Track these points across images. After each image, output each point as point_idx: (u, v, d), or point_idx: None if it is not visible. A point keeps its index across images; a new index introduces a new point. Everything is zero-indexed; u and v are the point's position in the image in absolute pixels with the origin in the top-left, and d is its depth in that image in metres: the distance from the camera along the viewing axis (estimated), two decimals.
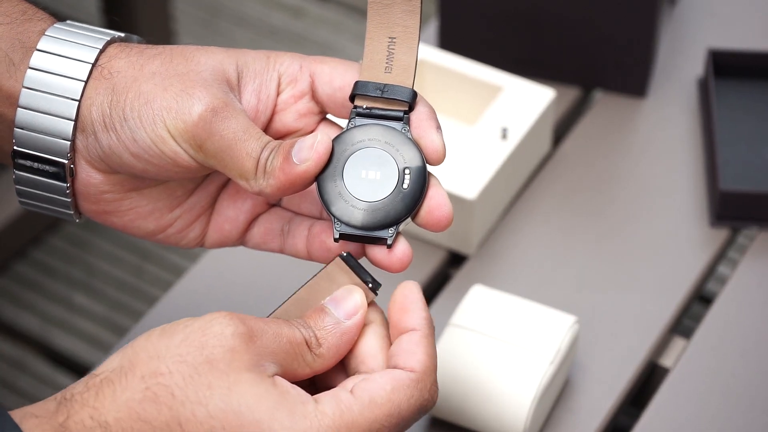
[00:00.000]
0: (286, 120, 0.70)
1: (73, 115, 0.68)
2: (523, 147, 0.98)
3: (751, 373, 0.88)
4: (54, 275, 1.78)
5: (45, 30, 0.69)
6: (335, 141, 0.67)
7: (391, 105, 0.68)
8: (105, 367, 0.61)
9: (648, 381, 0.91)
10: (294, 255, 0.72)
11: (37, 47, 0.69)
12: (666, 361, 0.91)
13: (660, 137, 1.05)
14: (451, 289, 0.94)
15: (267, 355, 0.62)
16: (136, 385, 0.60)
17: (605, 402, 0.87)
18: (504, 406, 0.82)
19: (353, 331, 0.65)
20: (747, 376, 0.88)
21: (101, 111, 0.68)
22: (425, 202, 0.67)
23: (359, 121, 0.68)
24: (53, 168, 0.69)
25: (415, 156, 0.67)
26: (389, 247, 0.67)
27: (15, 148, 0.69)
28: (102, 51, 0.69)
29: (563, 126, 1.08)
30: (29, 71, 0.68)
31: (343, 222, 0.67)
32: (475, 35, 1.07)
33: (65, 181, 0.69)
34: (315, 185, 0.67)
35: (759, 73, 1.06)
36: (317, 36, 2.12)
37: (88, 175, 0.70)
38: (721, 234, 0.98)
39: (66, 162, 0.69)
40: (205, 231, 0.73)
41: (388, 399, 0.62)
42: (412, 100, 0.68)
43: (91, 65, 0.68)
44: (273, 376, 0.62)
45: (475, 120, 1.02)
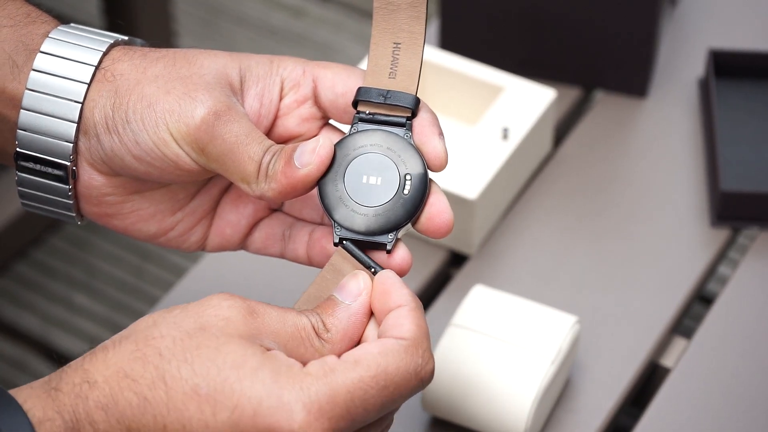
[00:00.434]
0: (288, 125, 0.70)
1: (76, 118, 0.68)
2: (524, 147, 0.98)
3: (752, 373, 0.89)
4: (54, 275, 1.79)
5: (49, 32, 0.70)
6: (337, 146, 0.67)
7: (394, 111, 0.68)
8: (106, 341, 0.62)
9: (649, 381, 0.91)
10: (294, 260, 0.72)
11: (41, 49, 0.69)
12: (667, 361, 0.91)
13: (661, 137, 1.05)
14: (452, 290, 0.94)
15: (268, 334, 0.62)
16: (127, 348, 0.61)
17: (606, 402, 0.87)
18: (505, 405, 0.82)
19: (360, 312, 0.64)
20: (748, 376, 0.88)
21: (104, 113, 0.68)
22: (426, 208, 0.67)
23: (362, 127, 0.68)
24: (55, 170, 0.69)
25: (417, 162, 0.67)
26: (389, 253, 0.67)
27: (17, 149, 0.69)
28: (105, 54, 0.69)
29: (564, 126, 1.08)
30: (32, 73, 0.68)
31: (343, 226, 0.67)
32: (476, 35, 1.07)
33: (67, 183, 0.69)
34: (316, 189, 0.67)
35: (760, 74, 1.06)
36: (317, 36, 2.12)
37: (90, 178, 0.70)
38: (722, 234, 0.98)
39: (68, 164, 0.69)
40: (207, 235, 0.73)
41: (374, 361, 0.61)
42: (415, 106, 0.68)
43: (95, 68, 0.68)
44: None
45: (476, 120, 1.02)
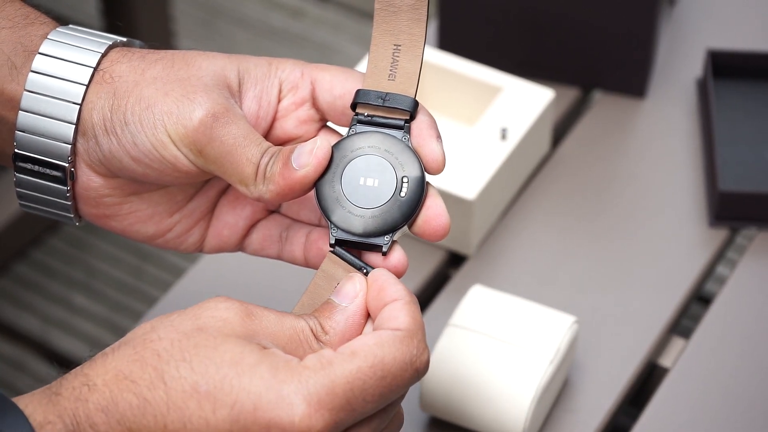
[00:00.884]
0: (286, 127, 0.70)
1: (75, 119, 0.68)
2: (523, 147, 0.98)
3: (750, 373, 0.89)
4: (54, 276, 1.79)
5: (47, 34, 0.70)
6: (335, 147, 0.67)
7: (393, 114, 0.68)
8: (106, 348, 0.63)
9: (647, 381, 0.91)
10: (291, 262, 0.72)
11: (39, 51, 0.69)
12: (665, 361, 0.91)
13: (659, 138, 1.05)
14: (451, 290, 0.94)
15: (266, 336, 0.62)
16: (126, 352, 0.61)
17: (604, 402, 0.87)
18: (503, 406, 0.82)
19: (357, 314, 0.64)
20: (746, 376, 0.88)
21: (102, 115, 0.68)
22: (422, 211, 0.67)
23: (360, 128, 0.68)
24: (54, 171, 0.69)
25: (414, 165, 0.67)
26: (384, 255, 0.67)
27: (16, 151, 0.69)
28: (104, 55, 0.69)
29: (563, 126, 1.08)
30: (31, 74, 0.68)
31: (340, 228, 0.67)
32: (475, 36, 1.08)
33: (66, 185, 0.70)
34: (313, 190, 0.67)
35: (758, 74, 1.06)
36: (317, 37, 2.12)
37: (88, 179, 0.70)
38: (720, 234, 0.98)
39: (66, 165, 0.69)
40: (204, 236, 0.73)
41: (371, 352, 0.61)
42: (413, 109, 0.68)
43: (93, 69, 0.68)
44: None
45: (475, 120, 1.02)
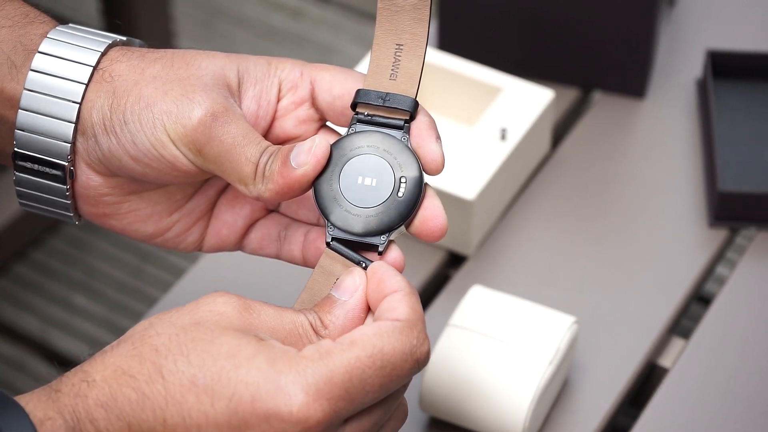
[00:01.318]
0: (285, 126, 0.70)
1: (74, 118, 0.68)
2: (522, 148, 0.98)
3: (750, 374, 0.89)
4: (54, 276, 1.79)
5: (47, 33, 0.70)
6: (334, 146, 0.67)
7: (393, 114, 0.68)
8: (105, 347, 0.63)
9: (647, 381, 0.91)
10: (290, 261, 0.72)
11: (39, 50, 0.69)
12: (665, 362, 0.91)
13: (659, 138, 1.05)
14: (451, 290, 0.94)
15: (264, 329, 0.62)
16: (124, 349, 0.61)
17: (604, 402, 0.87)
18: (503, 406, 0.82)
19: (357, 308, 0.64)
20: (746, 376, 0.89)
21: (102, 114, 0.68)
22: (420, 211, 0.67)
23: (360, 128, 0.68)
24: (53, 170, 0.69)
25: (413, 165, 0.67)
26: (380, 255, 0.67)
27: (15, 149, 0.69)
28: (103, 54, 0.69)
29: (562, 127, 1.08)
30: (31, 73, 0.69)
31: (337, 226, 0.67)
32: (475, 36, 1.08)
33: (65, 184, 0.70)
34: (311, 189, 0.67)
35: (757, 74, 1.06)
36: (317, 37, 2.12)
37: (87, 178, 0.70)
38: (720, 234, 0.98)
39: (66, 164, 0.69)
40: (204, 235, 0.73)
41: (370, 342, 0.61)
42: (413, 109, 0.68)
43: (93, 68, 0.69)
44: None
45: (475, 121, 1.02)
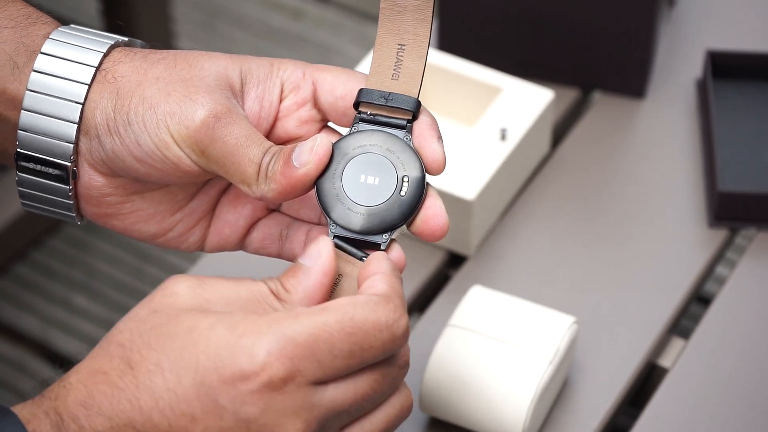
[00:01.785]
0: (288, 127, 0.70)
1: (77, 118, 0.68)
2: (522, 148, 0.98)
3: (750, 374, 0.89)
4: (54, 277, 1.79)
5: (49, 33, 0.70)
6: (336, 145, 0.67)
7: (395, 113, 0.68)
8: None
9: (647, 381, 0.91)
10: (292, 260, 0.72)
11: (42, 50, 0.69)
12: (665, 362, 0.91)
13: (659, 138, 1.05)
14: (451, 290, 0.94)
15: (221, 304, 0.62)
16: (94, 352, 0.62)
17: (604, 402, 0.87)
18: (503, 406, 0.82)
19: (321, 272, 0.63)
20: (745, 376, 0.89)
21: (105, 115, 0.68)
22: (421, 211, 0.67)
23: (362, 127, 0.68)
24: (56, 170, 0.69)
25: (415, 164, 0.67)
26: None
27: (18, 150, 0.70)
28: (106, 55, 0.69)
29: (562, 127, 1.08)
30: (33, 74, 0.69)
31: (339, 224, 0.67)
32: (475, 37, 1.08)
33: (68, 184, 0.70)
34: (314, 187, 0.67)
35: (757, 74, 1.06)
36: (317, 37, 2.12)
37: (90, 178, 0.70)
38: (720, 235, 0.98)
39: (69, 164, 0.69)
40: (206, 235, 0.73)
41: (342, 309, 0.60)
42: (416, 109, 0.68)
43: (95, 69, 0.69)
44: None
45: (475, 121, 1.02)
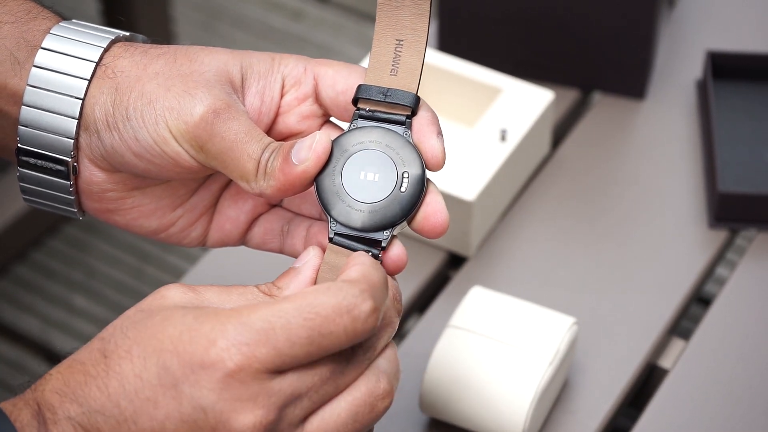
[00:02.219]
0: (289, 122, 0.70)
1: (77, 114, 0.68)
2: (523, 148, 0.98)
3: (750, 374, 0.89)
4: (54, 277, 1.79)
5: (50, 29, 0.70)
6: (336, 142, 0.67)
7: (394, 109, 0.68)
8: None
9: (647, 382, 0.91)
10: (293, 255, 0.72)
11: (42, 45, 0.69)
12: (665, 363, 0.91)
13: (659, 139, 1.05)
14: (451, 291, 0.94)
15: (211, 305, 0.62)
16: (79, 348, 0.62)
17: (604, 403, 0.87)
18: (503, 407, 0.82)
19: (310, 268, 0.65)
20: (746, 377, 0.89)
21: (104, 110, 0.68)
22: (422, 207, 0.67)
23: (361, 123, 0.68)
24: (57, 166, 0.69)
25: (415, 160, 0.67)
26: (384, 250, 0.67)
27: (19, 145, 0.70)
28: (106, 50, 0.69)
29: (562, 128, 1.08)
30: (34, 69, 0.69)
31: (340, 222, 0.67)
32: (475, 37, 1.08)
33: (68, 179, 0.70)
34: (314, 185, 0.67)
35: (757, 75, 1.06)
36: (317, 38, 2.12)
37: (91, 174, 0.70)
38: (720, 235, 0.98)
39: (69, 160, 0.69)
40: (207, 230, 0.73)
41: (300, 295, 0.60)
42: (414, 104, 0.68)
43: (95, 64, 0.69)
44: None
45: (475, 122, 1.02)
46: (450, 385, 0.82)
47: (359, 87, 0.68)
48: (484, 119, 0.98)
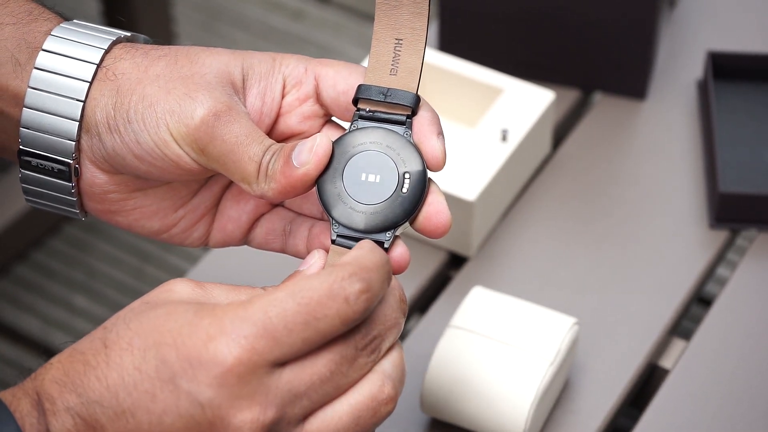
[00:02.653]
0: (290, 122, 0.70)
1: (78, 116, 0.68)
2: (523, 149, 0.98)
3: (751, 375, 0.89)
4: (54, 277, 1.79)
5: (51, 30, 0.70)
6: (336, 143, 0.67)
7: (394, 109, 0.68)
8: None
9: (648, 382, 0.91)
10: (295, 255, 0.72)
11: (43, 47, 0.69)
12: (666, 363, 0.91)
13: (659, 139, 1.05)
14: (452, 291, 0.94)
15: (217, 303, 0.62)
16: (82, 338, 0.62)
17: (605, 403, 0.87)
18: (504, 407, 0.82)
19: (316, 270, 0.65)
20: (746, 377, 0.89)
21: (105, 113, 0.68)
22: (424, 207, 0.67)
23: (361, 124, 0.68)
24: (59, 167, 0.69)
25: (416, 161, 0.67)
26: (386, 251, 0.67)
27: (21, 147, 0.70)
28: (107, 51, 0.69)
29: (563, 128, 1.08)
30: (35, 71, 0.69)
31: (342, 224, 0.67)
32: (476, 38, 1.08)
33: (70, 181, 0.70)
34: (315, 187, 0.67)
35: (758, 75, 1.06)
36: (317, 38, 2.12)
37: (92, 175, 0.70)
38: (721, 236, 0.98)
39: (71, 162, 0.69)
40: (209, 230, 0.73)
41: (293, 283, 0.60)
42: (415, 104, 0.67)
43: (96, 66, 0.69)
44: None
45: (476, 122, 1.02)
46: (451, 386, 0.83)
47: (359, 87, 0.68)
48: (485, 119, 0.98)
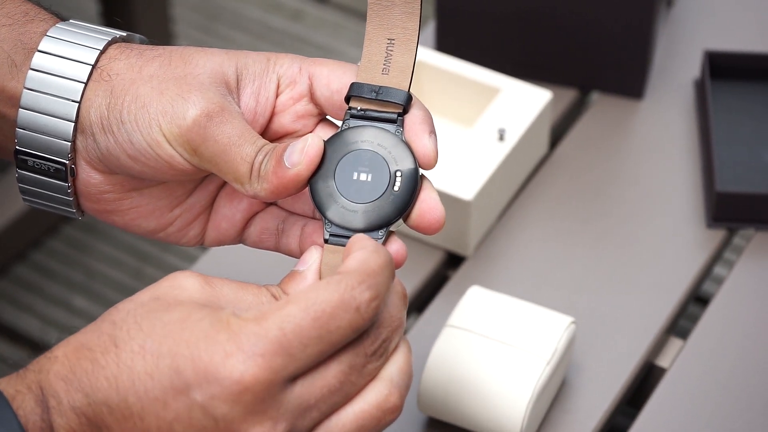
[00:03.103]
0: (284, 122, 0.70)
1: (74, 117, 0.68)
2: (521, 148, 0.99)
3: (748, 374, 0.89)
4: (54, 278, 1.79)
5: (47, 31, 0.70)
6: (328, 142, 0.67)
7: (386, 107, 0.68)
8: None
9: (645, 381, 0.91)
10: (288, 254, 0.72)
11: (39, 48, 0.69)
12: (663, 362, 0.91)
13: (657, 139, 1.05)
14: (449, 291, 0.94)
15: (227, 303, 0.62)
16: (87, 328, 0.62)
17: (602, 402, 0.87)
18: (501, 406, 0.82)
19: (315, 273, 0.65)
20: (743, 376, 0.89)
21: (99, 113, 0.68)
22: (417, 204, 0.67)
23: (353, 123, 0.68)
24: (55, 167, 0.70)
25: (408, 159, 0.67)
26: None
27: (17, 147, 0.70)
28: (102, 52, 0.69)
29: (560, 128, 1.08)
30: (30, 72, 0.69)
31: (334, 223, 0.67)
32: (473, 37, 1.08)
33: (66, 181, 0.70)
34: (307, 186, 0.67)
35: (755, 75, 1.06)
36: (316, 39, 2.12)
37: (88, 175, 0.70)
38: (718, 235, 0.98)
39: (67, 162, 0.69)
40: (204, 229, 0.73)
41: (304, 295, 0.60)
42: (406, 102, 0.68)
43: (91, 67, 0.69)
44: None
45: (473, 121, 1.02)
46: (448, 385, 0.83)
47: (351, 85, 0.68)
48: (482, 119, 0.99)
